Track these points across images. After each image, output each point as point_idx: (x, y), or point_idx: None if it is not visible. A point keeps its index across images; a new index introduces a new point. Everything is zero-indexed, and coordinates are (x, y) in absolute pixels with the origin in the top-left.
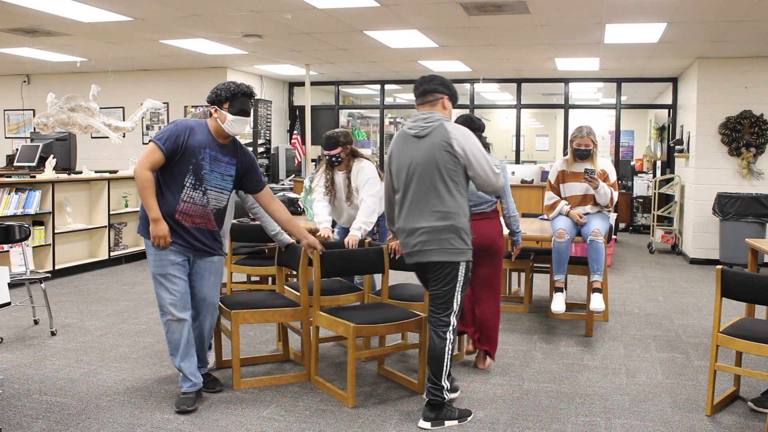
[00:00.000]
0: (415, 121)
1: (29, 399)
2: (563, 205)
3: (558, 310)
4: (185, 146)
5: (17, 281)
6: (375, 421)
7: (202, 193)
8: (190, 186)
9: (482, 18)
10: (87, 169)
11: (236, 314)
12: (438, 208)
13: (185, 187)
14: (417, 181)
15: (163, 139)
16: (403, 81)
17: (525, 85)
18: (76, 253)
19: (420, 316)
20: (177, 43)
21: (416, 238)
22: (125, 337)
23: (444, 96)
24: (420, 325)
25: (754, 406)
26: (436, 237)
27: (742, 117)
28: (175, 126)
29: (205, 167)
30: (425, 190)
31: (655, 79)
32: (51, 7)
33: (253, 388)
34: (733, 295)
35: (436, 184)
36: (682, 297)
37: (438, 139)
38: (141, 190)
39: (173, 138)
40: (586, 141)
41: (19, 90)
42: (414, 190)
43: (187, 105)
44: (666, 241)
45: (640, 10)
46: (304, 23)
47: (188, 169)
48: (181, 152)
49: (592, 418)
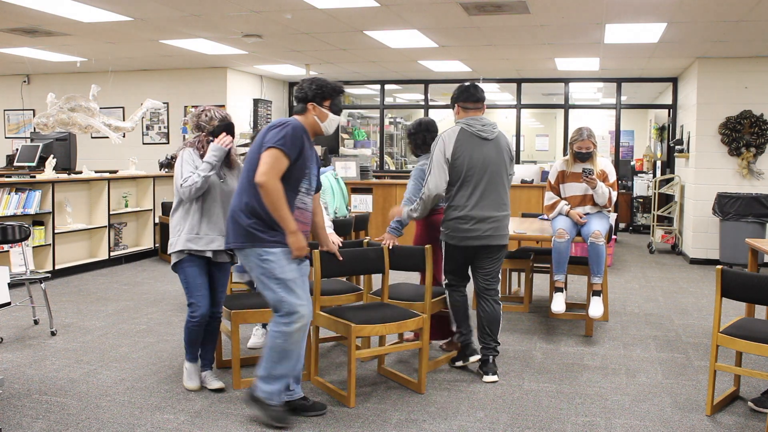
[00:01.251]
0: (484, 124)
1: (29, 399)
2: (563, 205)
3: (558, 310)
4: (303, 150)
5: (17, 281)
6: (375, 421)
7: (310, 197)
8: (305, 191)
9: (482, 18)
10: (87, 169)
11: (236, 314)
12: (504, 201)
13: (300, 192)
14: (490, 177)
15: (287, 145)
16: (403, 81)
17: (525, 85)
18: (76, 253)
19: (420, 316)
20: (177, 43)
21: (488, 224)
22: (125, 337)
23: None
24: (420, 324)
25: (754, 406)
26: (502, 224)
27: (742, 117)
28: (293, 129)
29: (313, 170)
30: (496, 185)
31: (655, 79)
32: (51, 7)
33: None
34: (733, 295)
35: (504, 181)
36: (682, 297)
37: (504, 144)
38: (276, 202)
39: (297, 143)
40: (587, 144)
41: (19, 90)
42: (486, 185)
43: (187, 105)
44: (666, 241)
45: (640, 10)
46: (304, 23)
47: (305, 174)
48: (302, 157)
49: (592, 418)
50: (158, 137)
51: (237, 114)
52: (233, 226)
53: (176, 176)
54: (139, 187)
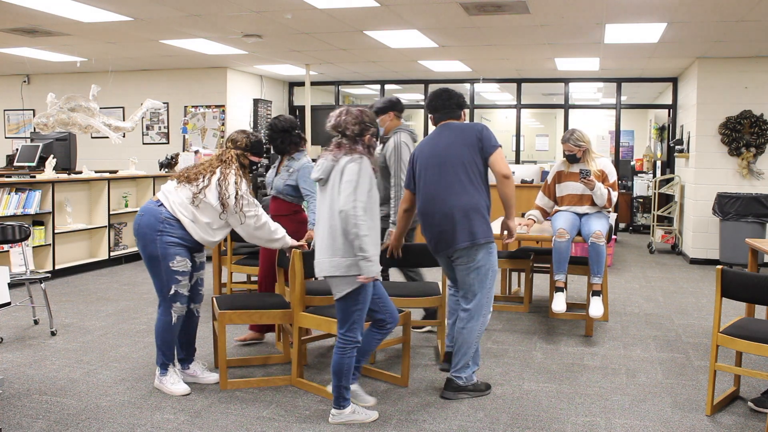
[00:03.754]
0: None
1: (29, 399)
2: (530, 215)
3: (558, 309)
4: None
5: (17, 281)
6: (375, 420)
7: None
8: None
9: (482, 18)
10: (87, 169)
11: (222, 315)
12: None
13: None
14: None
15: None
16: (403, 81)
17: (525, 85)
18: (76, 253)
19: (405, 311)
20: (177, 43)
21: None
22: (125, 337)
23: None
24: (405, 320)
25: (754, 406)
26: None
27: (742, 117)
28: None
29: None
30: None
31: (655, 79)
32: (51, 7)
33: (254, 389)
34: (733, 295)
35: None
36: (682, 297)
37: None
38: (514, 196)
39: None
40: (567, 147)
41: (19, 90)
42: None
43: (187, 105)
44: (666, 241)
45: (640, 10)
46: (304, 23)
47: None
48: None
49: (592, 418)
50: (158, 137)
51: (237, 114)
52: (480, 222)
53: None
54: (139, 187)
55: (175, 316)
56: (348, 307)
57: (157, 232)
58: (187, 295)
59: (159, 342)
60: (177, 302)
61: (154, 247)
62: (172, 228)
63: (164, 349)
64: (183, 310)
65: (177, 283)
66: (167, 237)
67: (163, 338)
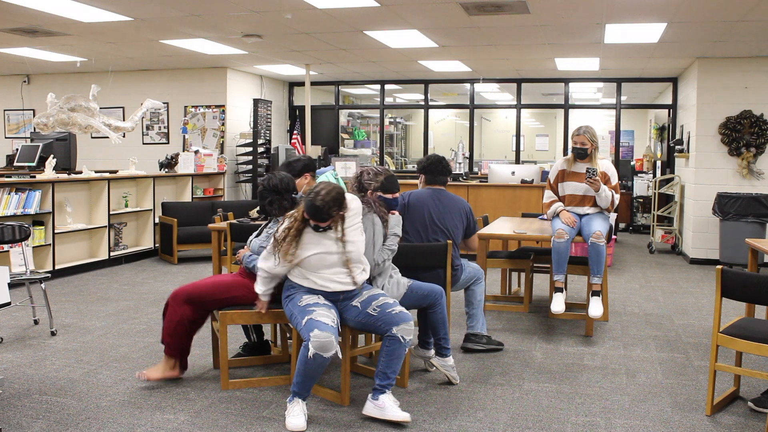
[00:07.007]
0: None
1: (29, 399)
2: (557, 206)
3: (558, 310)
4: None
5: (17, 281)
6: (375, 420)
7: None
8: None
9: (482, 18)
10: (87, 169)
11: (223, 315)
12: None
13: None
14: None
15: None
16: (403, 81)
17: (525, 85)
18: (76, 253)
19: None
20: (177, 43)
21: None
22: (125, 337)
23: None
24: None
25: (754, 406)
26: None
27: (742, 117)
28: None
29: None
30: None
31: (655, 79)
32: (51, 7)
33: (254, 389)
34: (733, 295)
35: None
36: (682, 297)
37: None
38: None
39: None
40: (582, 139)
41: (19, 90)
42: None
43: (187, 105)
44: (666, 241)
45: (640, 10)
46: (304, 23)
47: None
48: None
49: (592, 418)
50: (158, 137)
51: (237, 114)
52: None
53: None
54: (139, 187)
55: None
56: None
57: None
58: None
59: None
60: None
61: None
62: None
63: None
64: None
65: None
66: None
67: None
